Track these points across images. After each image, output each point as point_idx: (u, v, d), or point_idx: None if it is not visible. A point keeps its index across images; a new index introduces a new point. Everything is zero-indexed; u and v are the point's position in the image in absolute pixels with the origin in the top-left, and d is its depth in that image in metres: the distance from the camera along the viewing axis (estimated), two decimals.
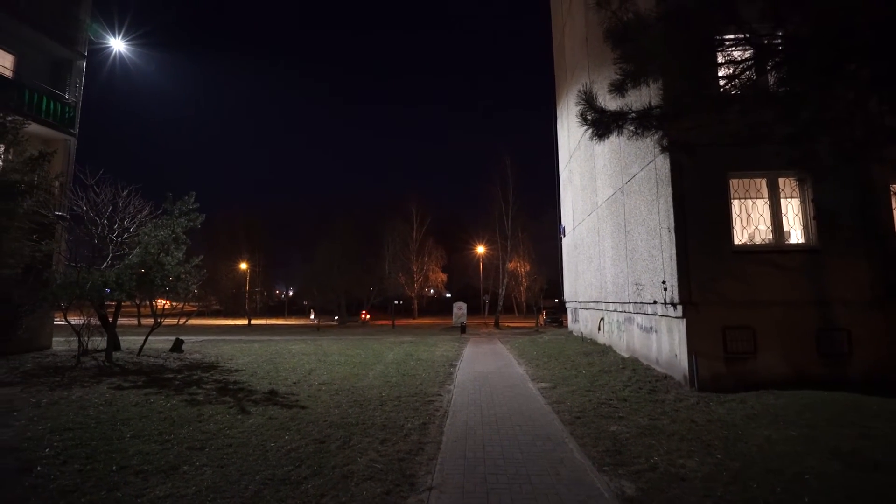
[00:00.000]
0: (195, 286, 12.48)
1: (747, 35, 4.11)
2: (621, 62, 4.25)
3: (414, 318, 49.17)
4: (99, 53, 16.36)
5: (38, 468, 4.30)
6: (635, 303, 10.31)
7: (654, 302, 8.97)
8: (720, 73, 4.45)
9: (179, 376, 9.29)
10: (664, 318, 8.74)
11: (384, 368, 10.45)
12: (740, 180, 8.25)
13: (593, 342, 14.82)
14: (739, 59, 4.24)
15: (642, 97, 7.38)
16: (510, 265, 38.92)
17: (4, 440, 5.09)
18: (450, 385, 8.58)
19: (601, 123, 4.58)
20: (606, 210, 12.88)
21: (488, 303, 45.21)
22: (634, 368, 9.36)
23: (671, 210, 8.15)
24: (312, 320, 44.58)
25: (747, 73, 4.20)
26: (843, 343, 7.54)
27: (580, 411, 6.41)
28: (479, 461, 4.62)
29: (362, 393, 7.71)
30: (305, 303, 50.43)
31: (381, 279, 44.70)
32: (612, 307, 12.57)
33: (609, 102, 4.99)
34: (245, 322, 41.70)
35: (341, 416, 6.24)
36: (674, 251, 8.06)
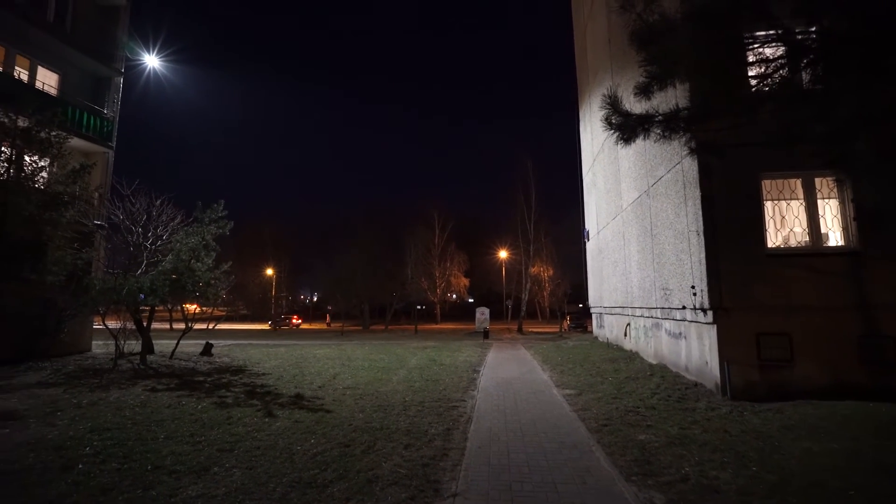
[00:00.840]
0: (224, 291, 12.85)
1: (779, 32, 3.98)
2: (647, 64, 4.17)
3: (437, 324, 49.19)
4: (134, 69, 17.16)
5: (80, 466, 4.49)
6: (663, 308, 10.06)
7: (683, 307, 8.73)
8: (751, 73, 4.32)
9: (209, 379, 9.56)
10: (694, 323, 8.50)
11: (407, 373, 10.49)
12: (773, 181, 7.97)
13: (619, 348, 14.51)
14: (771, 57, 4.10)
15: (669, 99, 7.23)
16: (533, 270, 38.49)
17: (50, 439, 5.34)
18: (473, 391, 8.55)
19: (626, 127, 4.50)
20: (632, 213, 12.64)
21: (511, 308, 44.82)
22: (663, 375, 9.12)
23: (699, 213, 7.93)
24: (328, 325, 45.21)
25: (780, 71, 4.06)
26: (888, 350, 7.15)
27: (607, 419, 6.28)
28: (503, 468, 4.57)
29: (386, 398, 7.75)
30: (329, 307, 51.11)
31: (403, 284, 44.87)
32: (638, 312, 12.30)
33: (634, 105, 4.91)
34: (271, 326, 42.55)
35: (366, 420, 6.29)
36: (703, 255, 7.84)
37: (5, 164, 10.24)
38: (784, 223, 8.02)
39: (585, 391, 8.26)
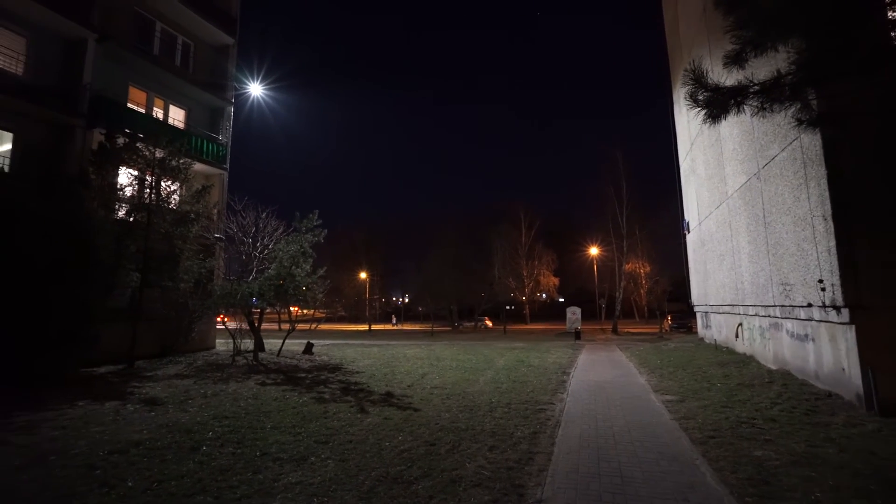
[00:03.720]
0: (321, 295, 13.89)
1: None
2: (736, 29, 3.63)
3: (526, 324, 48.35)
4: (240, 96, 19.30)
5: (204, 448, 5.13)
6: (782, 306, 8.80)
7: (809, 305, 7.55)
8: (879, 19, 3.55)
9: (310, 376, 10.38)
10: (823, 323, 7.30)
11: (495, 374, 10.42)
12: None
13: (730, 351, 13.00)
14: None
15: (769, 65, 6.33)
16: (627, 266, 36.04)
17: (182, 423, 6.19)
18: (562, 394, 8.22)
19: (716, 102, 3.96)
20: (739, 200, 11.26)
21: (605, 307, 42.49)
22: (785, 383, 7.97)
23: (826, 194, 6.80)
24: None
25: None
26: None
27: (714, 430, 5.63)
28: (592, 477, 4.31)
29: (472, 398, 7.77)
30: (420, 308, 52.78)
31: (490, 285, 44.78)
32: (751, 311, 10.90)
33: (727, 78, 4.32)
34: (366, 327, 45.14)
35: (451, 420, 6.35)
36: (832, 243, 6.70)
37: (147, 190, 12.15)
38: None
39: (689, 398, 7.50)
